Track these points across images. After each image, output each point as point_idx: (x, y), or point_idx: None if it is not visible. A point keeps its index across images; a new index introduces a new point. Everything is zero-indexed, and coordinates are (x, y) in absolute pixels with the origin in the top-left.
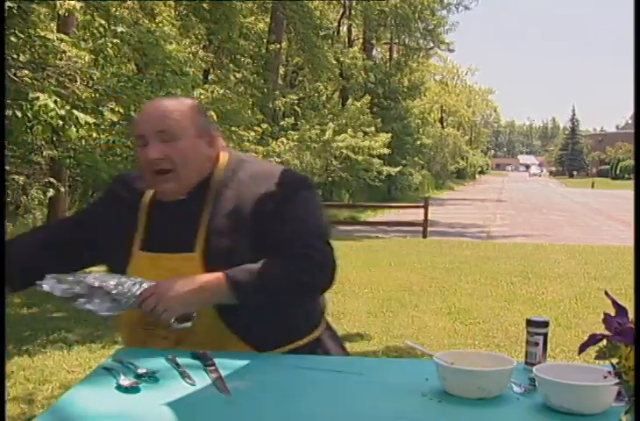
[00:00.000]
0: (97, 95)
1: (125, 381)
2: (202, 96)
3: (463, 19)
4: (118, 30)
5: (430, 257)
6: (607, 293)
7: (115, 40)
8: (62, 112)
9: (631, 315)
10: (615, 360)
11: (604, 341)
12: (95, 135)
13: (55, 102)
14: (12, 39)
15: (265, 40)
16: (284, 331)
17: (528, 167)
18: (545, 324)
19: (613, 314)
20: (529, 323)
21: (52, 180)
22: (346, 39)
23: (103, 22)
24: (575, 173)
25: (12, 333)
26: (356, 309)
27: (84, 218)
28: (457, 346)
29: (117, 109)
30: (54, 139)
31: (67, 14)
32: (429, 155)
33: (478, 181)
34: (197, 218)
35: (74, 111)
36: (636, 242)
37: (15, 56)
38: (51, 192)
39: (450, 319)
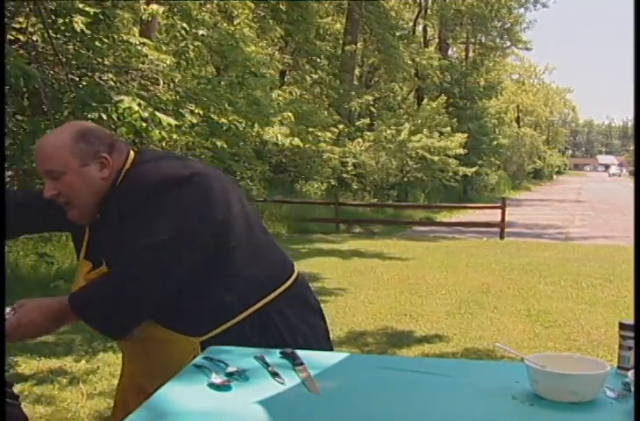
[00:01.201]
0: (178, 97)
1: (217, 379)
2: (280, 98)
3: (540, 17)
4: (199, 33)
5: (507, 258)
6: None
7: (196, 43)
8: (145, 114)
9: (632, 315)
10: None
11: None
12: (175, 137)
13: (139, 104)
14: (97, 43)
15: (341, 41)
16: (209, 315)
17: (607, 167)
18: None
19: None
20: (622, 326)
21: None
22: (422, 39)
23: (184, 25)
24: None
25: None
26: (433, 310)
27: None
28: (537, 349)
29: (196, 110)
30: (136, 140)
31: (150, 18)
32: (505, 155)
33: (555, 182)
34: (102, 235)
35: (157, 113)
36: (636, 242)
37: (99, 60)
38: None
39: (529, 321)
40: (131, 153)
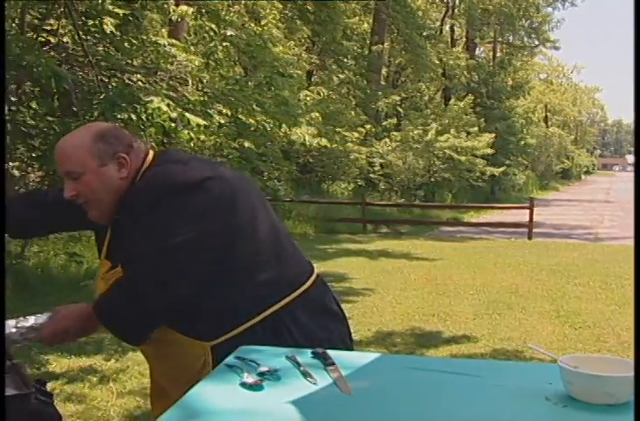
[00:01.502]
0: (206, 97)
1: (249, 378)
2: (307, 98)
3: (569, 16)
4: (228, 33)
5: (535, 259)
6: None
7: (224, 43)
8: (174, 115)
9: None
10: None
11: None
12: (203, 137)
13: (168, 105)
14: (126, 44)
15: (368, 41)
16: (219, 320)
17: None
18: None
19: None
20: None
21: None
22: (449, 39)
23: (213, 26)
24: None
25: None
26: (461, 310)
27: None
28: (567, 351)
29: (224, 111)
30: (164, 141)
31: (179, 19)
32: (533, 155)
33: (584, 182)
34: (118, 235)
35: (186, 114)
36: (636, 242)
37: (128, 61)
38: None
39: (558, 322)
40: (151, 153)
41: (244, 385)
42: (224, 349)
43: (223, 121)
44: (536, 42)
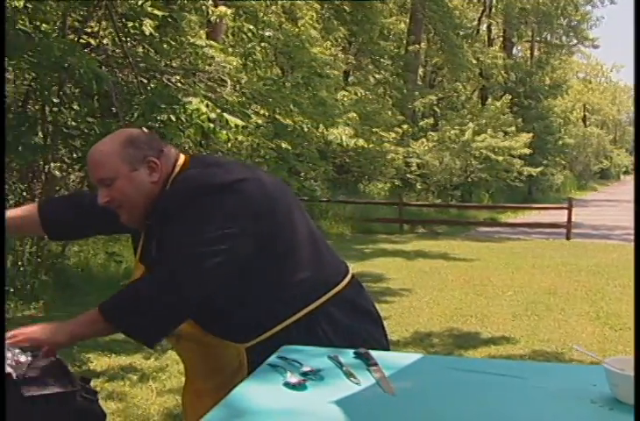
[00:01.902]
0: (244, 98)
1: (293, 378)
2: (344, 98)
3: (608, 14)
4: (266, 34)
5: (574, 259)
6: None
7: (263, 44)
8: (213, 115)
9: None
10: None
11: None
12: (241, 138)
13: (207, 105)
14: (165, 46)
15: (404, 41)
16: (254, 322)
17: None
18: None
19: None
20: None
21: None
22: (486, 38)
23: (251, 27)
24: None
25: None
26: (499, 311)
27: None
28: (608, 353)
29: (262, 112)
30: (202, 142)
31: (217, 20)
32: (571, 155)
33: (622, 182)
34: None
35: (225, 114)
36: (636, 242)
37: (167, 62)
38: None
39: (598, 324)
40: (182, 157)
41: (287, 385)
42: (259, 350)
43: (260, 122)
44: (575, 41)
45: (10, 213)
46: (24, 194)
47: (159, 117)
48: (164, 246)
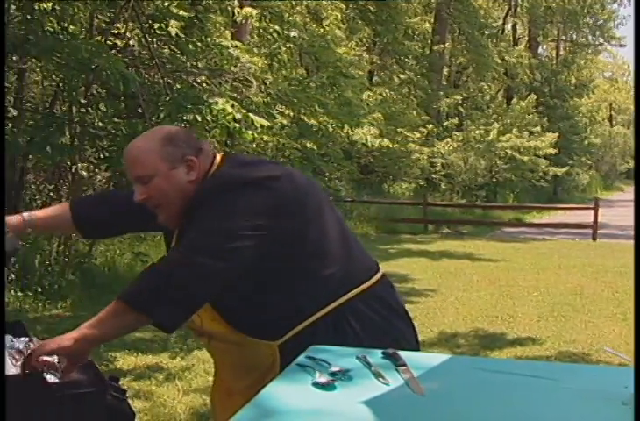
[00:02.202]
0: (269, 98)
1: (322, 378)
2: (369, 98)
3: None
4: (291, 35)
5: (601, 260)
6: None
7: (288, 45)
8: (238, 116)
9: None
10: None
11: None
12: (266, 138)
13: (232, 106)
14: (191, 47)
15: (429, 41)
16: (283, 319)
17: None
18: None
19: None
20: None
21: None
22: (511, 38)
23: (276, 28)
24: None
25: None
26: (526, 312)
27: None
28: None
29: (287, 112)
30: (227, 142)
31: (243, 21)
32: (597, 155)
33: None
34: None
35: (250, 114)
36: (636, 242)
37: (193, 63)
38: None
39: (625, 325)
40: (218, 156)
41: (316, 385)
42: (291, 347)
43: (285, 122)
44: (601, 40)
45: (41, 213)
46: (52, 194)
47: (185, 118)
48: (186, 233)
